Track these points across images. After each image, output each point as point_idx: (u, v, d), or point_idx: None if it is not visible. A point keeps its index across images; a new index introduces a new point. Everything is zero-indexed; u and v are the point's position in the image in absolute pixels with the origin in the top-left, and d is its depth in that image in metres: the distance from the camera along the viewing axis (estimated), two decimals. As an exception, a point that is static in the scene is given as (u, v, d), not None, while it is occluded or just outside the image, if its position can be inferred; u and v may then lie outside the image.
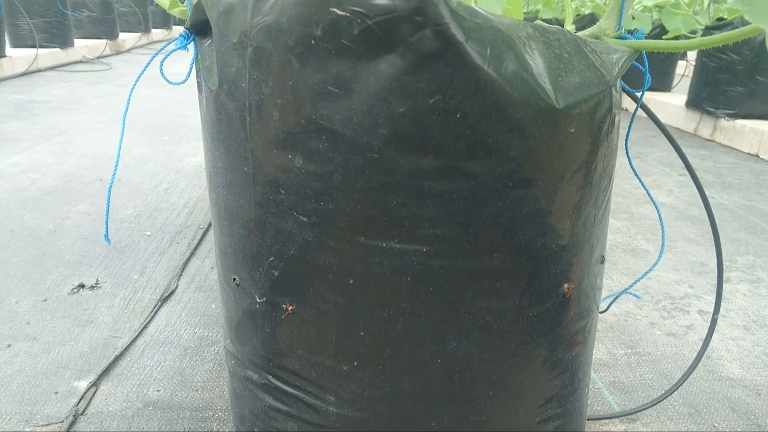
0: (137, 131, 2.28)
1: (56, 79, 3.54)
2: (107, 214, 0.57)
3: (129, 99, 0.56)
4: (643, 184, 0.63)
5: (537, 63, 0.41)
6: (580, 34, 0.57)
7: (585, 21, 3.41)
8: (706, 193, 0.63)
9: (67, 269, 1.15)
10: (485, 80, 0.39)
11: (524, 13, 5.05)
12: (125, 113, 0.57)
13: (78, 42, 4.55)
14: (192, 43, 0.54)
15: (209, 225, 1.40)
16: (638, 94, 0.59)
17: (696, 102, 2.75)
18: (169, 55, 0.54)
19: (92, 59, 4.46)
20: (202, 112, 0.52)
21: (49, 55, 3.95)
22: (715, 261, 0.66)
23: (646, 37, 0.54)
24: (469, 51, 0.38)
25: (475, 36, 0.38)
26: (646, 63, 0.55)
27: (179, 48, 0.54)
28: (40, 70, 3.76)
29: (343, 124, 0.40)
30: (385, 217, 0.42)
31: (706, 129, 2.72)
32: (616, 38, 0.56)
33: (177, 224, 1.40)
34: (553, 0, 3.86)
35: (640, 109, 0.59)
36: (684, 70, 3.51)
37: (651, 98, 3.22)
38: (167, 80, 0.55)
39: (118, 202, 1.52)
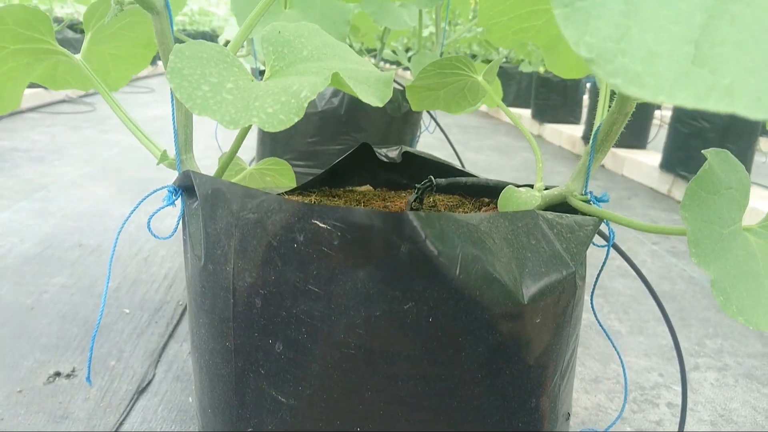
0: (117, 188, 2.28)
1: (38, 122, 3.53)
2: (92, 352, 0.58)
3: (116, 242, 0.57)
4: (607, 336, 0.66)
5: (505, 259, 0.44)
6: (547, 193, 0.60)
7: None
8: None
9: (43, 354, 1.15)
10: (456, 287, 0.41)
11: (505, 62, 5.16)
12: (112, 254, 0.59)
13: (62, 81, 4.54)
14: (180, 198, 0.57)
15: (189, 300, 1.41)
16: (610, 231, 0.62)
17: (669, 165, 2.84)
18: (157, 212, 0.56)
19: (75, 98, 4.47)
20: (188, 271, 0.54)
21: (32, 96, 3.95)
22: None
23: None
24: (442, 263, 0.41)
25: (447, 247, 0.41)
26: (612, 234, 0.58)
27: (167, 205, 0.56)
28: (22, 111, 3.76)
29: (322, 321, 0.42)
30: (360, 406, 0.44)
31: (679, 192, 2.80)
32: (582, 201, 0.59)
33: (156, 299, 1.41)
34: (533, 55, 3.98)
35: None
36: (659, 122, 3.60)
37: (626, 157, 3.30)
38: (155, 236, 0.57)
39: (98, 273, 1.52)
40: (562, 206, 0.59)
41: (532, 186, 0.61)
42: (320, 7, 1.22)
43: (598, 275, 0.67)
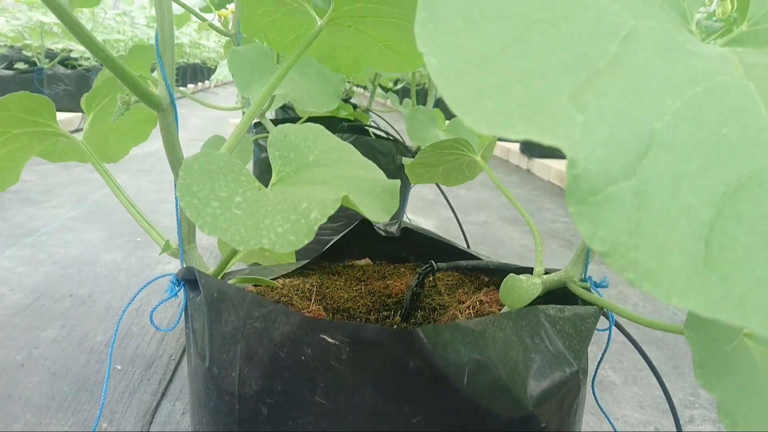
0: (109, 232, 2.27)
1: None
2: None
3: (115, 335, 0.57)
4: (607, 418, 0.66)
5: (510, 363, 0.45)
6: (547, 278, 0.61)
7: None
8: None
9: (33, 416, 1.13)
10: (464, 398, 0.42)
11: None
12: (112, 346, 0.58)
13: (52, 117, 4.55)
14: (182, 290, 0.57)
15: (182, 354, 1.39)
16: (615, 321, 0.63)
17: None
18: (159, 304, 0.56)
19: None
20: (191, 367, 0.54)
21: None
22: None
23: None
24: (450, 375, 0.41)
25: (454, 358, 0.42)
26: (611, 320, 0.59)
27: (170, 297, 0.56)
28: (11, 149, 3.74)
29: (329, 432, 0.42)
30: None
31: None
32: (582, 287, 0.60)
33: (148, 354, 1.39)
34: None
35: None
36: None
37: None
38: (157, 327, 0.57)
39: (89, 326, 1.51)
40: (561, 290, 0.60)
41: (531, 270, 0.62)
42: (316, 66, 1.24)
43: (598, 365, 0.67)
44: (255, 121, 1.53)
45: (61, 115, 4.78)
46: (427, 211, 2.93)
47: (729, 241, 0.21)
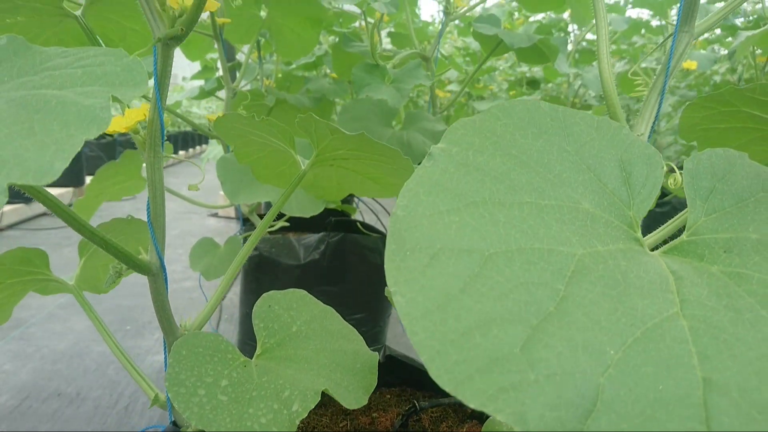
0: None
1: (18, 240, 3.53)
2: None
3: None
4: None
5: None
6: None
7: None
8: None
9: None
10: None
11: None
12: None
13: (43, 194, 4.58)
14: (170, 445, 0.58)
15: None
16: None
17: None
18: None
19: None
20: None
21: (12, 212, 3.97)
22: None
23: None
24: None
25: None
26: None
27: (158, 454, 0.57)
28: (2, 230, 3.76)
29: None
30: None
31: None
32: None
33: (137, 459, 1.37)
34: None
35: None
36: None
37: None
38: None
39: (77, 427, 1.49)
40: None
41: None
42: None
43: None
44: (243, 217, 1.56)
45: (51, 190, 4.80)
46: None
47: None
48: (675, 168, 0.51)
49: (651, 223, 0.44)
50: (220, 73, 1.64)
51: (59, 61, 0.35)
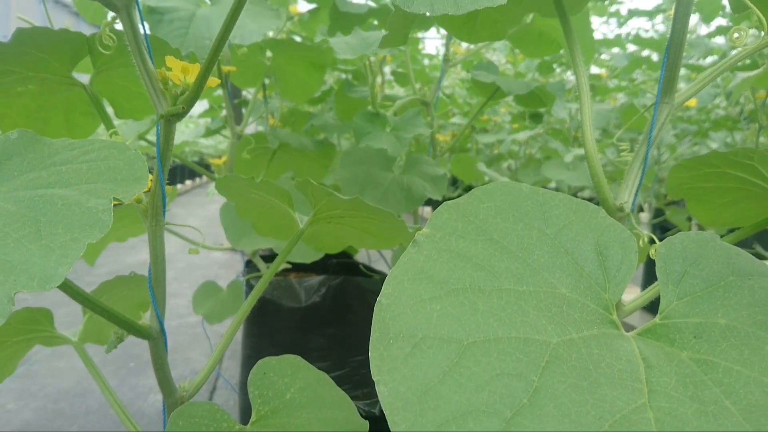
0: (101, 357, 2.28)
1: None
2: None
3: None
4: None
5: None
6: None
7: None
8: None
9: None
10: None
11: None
12: None
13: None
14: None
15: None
16: None
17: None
18: None
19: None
20: None
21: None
22: None
23: None
24: None
25: None
26: None
27: None
28: (8, 262, 3.79)
29: None
30: None
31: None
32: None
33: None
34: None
35: None
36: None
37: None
38: None
39: (78, 470, 1.49)
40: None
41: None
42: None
43: None
44: (246, 259, 1.58)
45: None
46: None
47: None
48: (655, 239, 0.52)
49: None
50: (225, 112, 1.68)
51: (66, 155, 0.38)
